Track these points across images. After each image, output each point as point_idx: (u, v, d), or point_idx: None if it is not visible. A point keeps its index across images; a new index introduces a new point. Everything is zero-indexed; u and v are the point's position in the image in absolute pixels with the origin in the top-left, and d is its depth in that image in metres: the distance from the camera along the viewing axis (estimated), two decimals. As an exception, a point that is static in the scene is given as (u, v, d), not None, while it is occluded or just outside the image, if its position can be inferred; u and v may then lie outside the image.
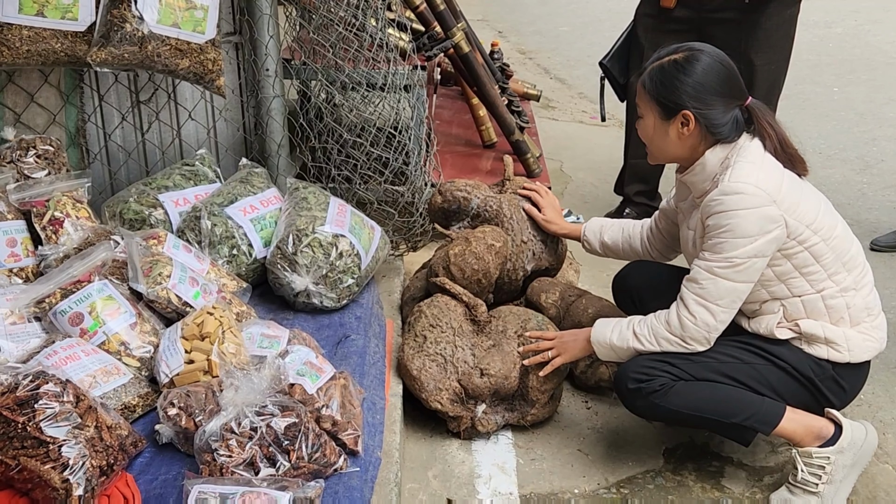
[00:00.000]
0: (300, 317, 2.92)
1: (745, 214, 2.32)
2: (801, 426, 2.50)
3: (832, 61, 7.97)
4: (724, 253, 2.36)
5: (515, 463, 2.71)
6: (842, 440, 2.47)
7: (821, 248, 2.40)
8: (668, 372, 2.47)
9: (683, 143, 2.48)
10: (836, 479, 2.47)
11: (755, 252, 2.34)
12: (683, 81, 2.40)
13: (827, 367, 2.48)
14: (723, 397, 2.47)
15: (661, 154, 2.58)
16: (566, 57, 8.39)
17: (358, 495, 2.11)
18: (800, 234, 2.37)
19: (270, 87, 3.30)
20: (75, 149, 3.23)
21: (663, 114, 2.47)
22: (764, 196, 2.32)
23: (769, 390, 2.50)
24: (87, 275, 2.48)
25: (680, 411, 2.48)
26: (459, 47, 4.03)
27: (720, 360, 2.49)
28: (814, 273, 2.43)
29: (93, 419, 2.00)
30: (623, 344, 2.53)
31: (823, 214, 2.43)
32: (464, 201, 3.14)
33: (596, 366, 2.99)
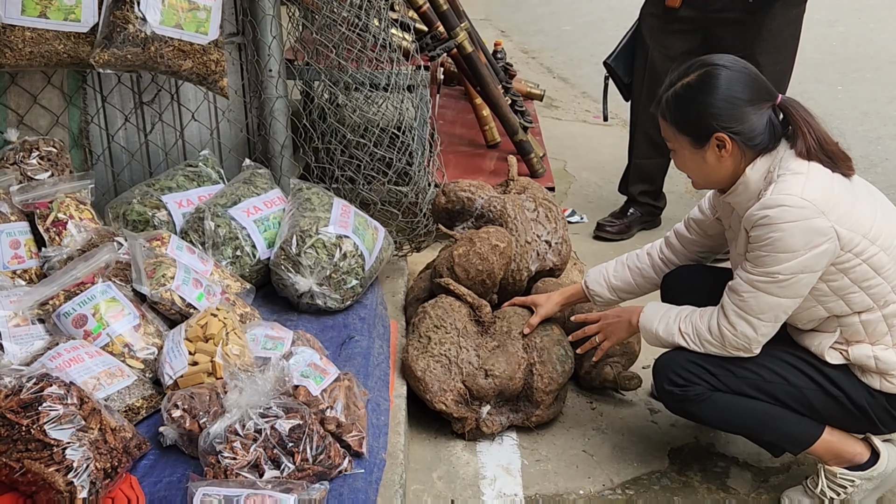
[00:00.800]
0: (304, 318, 2.91)
1: (789, 228, 2.15)
2: (833, 450, 2.41)
3: (836, 60, 7.95)
4: (767, 267, 2.21)
5: (520, 464, 2.70)
6: (874, 469, 2.39)
7: (880, 258, 2.21)
8: (706, 381, 2.38)
9: (724, 165, 2.30)
10: (855, 500, 2.41)
11: (801, 268, 2.18)
12: (706, 103, 2.25)
13: (881, 399, 2.33)
14: (758, 416, 2.38)
15: (707, 181, 2.41)
16: (569, 56, 8.37)
17: (363, 497, 2.11)
18: (855, 246, 2.18)
19: (273, 87, 3.29)
20: (78, 150, 3.23)
21: (695, 142, 2.31)
22: (811, 208, 2.14)
23: (811, 412, 2.38)
24: (91, 276, 2.47)
25: (711, 421, 2.45)
26: (463, 47, 4.02)
27: (766, 378, 2.37)
28: (875, 287, 2.23)
29: (97, 421, 2.00)
30: (668, 337, 2.45)
31: (881, 220, 2.24)
32: (468, 202, 3.13)
33: (601, 367, 2.98)
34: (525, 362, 2.77)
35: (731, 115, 2.23)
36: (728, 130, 2.24)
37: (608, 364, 2.97)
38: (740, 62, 2.30)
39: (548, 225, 3.20)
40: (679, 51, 3.90)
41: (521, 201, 3.21)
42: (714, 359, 2.39)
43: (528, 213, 3.18)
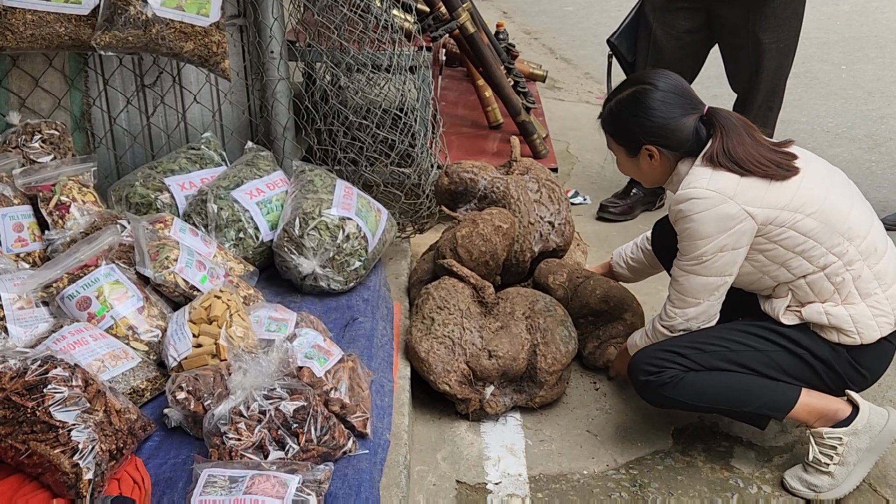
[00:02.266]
0: (308, 300, 2.92)
1: (699, 217, 2.33)
2: (814, 410, 2.49)
3: (840, 39, 7.91)
4: (690, 254, 2.40)
5: (524, 444, 2.70)
6: (856, 422, 2.45)
7: (807, 223, 2.34)
8: (677, 363, 2.49)
9: (656, 170, 2.51)
10: (850, 462, 2.45)
11: (718, 248, 2.35)
12: (634, 122, 2.45)
13: (842, 352, 2.44)
14: (734, 387, 2.48)
15: (647, 182, 2.62)
16: (572, 37, 8.34)
17: (367, 477, 2.11)
18: (775, 219, 2.33)
19: (275, 69, 3.28)
20: (81, 133, 3.23)
21: (629, 152, 2.53)
22: (716, 196, 2.32)
23: (784, 376, 2.49)
24: (94, 259, 2.48)
25: (691, 402, 2.52)
26: (465, 28, 4.00)
27: (732, 349, 2.48)
28: (809, 250, 2.36)
29: (101, 403, 2.00)
30: (644, 343, 2.63)
31: (804, 191, 2.35)
32: (470, 183, 3.12)
33: (604, 347, 2.99)
34: (528, 343, 2.77)
35: (656, 131, 2.43)
36: (655, 143, 2.45)
37: (612, 344, 2.99)
38: (672, 78, 2.47)
39: (551, 206, 3.19)
40: (683, 29, 3.88)
41: (524, 182, 3.20)
42: (682, 341, 2.53)
43: (531, 194, 3.18)
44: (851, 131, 5.61)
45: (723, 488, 2.55)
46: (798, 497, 2.50)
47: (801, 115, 5.89)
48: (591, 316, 3.03)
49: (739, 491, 2.54)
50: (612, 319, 3.02)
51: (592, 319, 3.04)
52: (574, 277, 3.08)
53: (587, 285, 3.02)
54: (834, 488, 2.46)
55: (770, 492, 2.53)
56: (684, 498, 2.50)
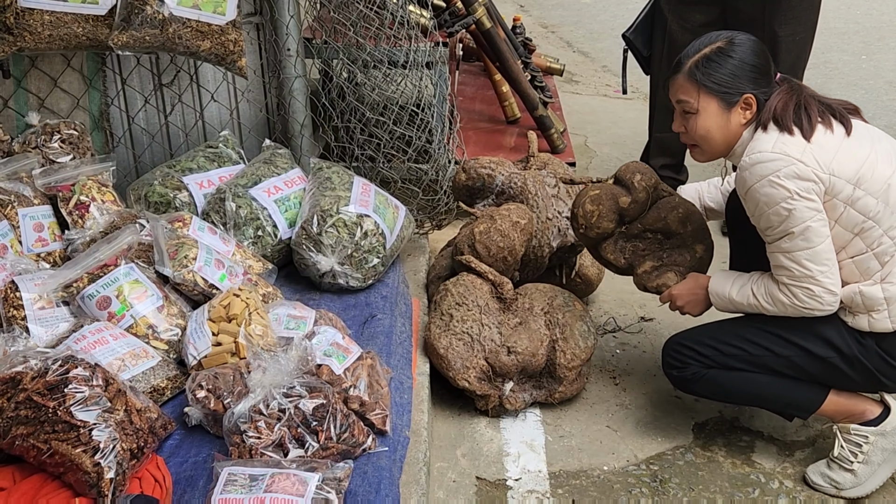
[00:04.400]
0: (326, 297, 2.92)
1: (768, 182, 2.24)
2: (841, 409, 2.47)
3: (860, 29, 7.84)
4: (775, 227, 2.28)
5: (544, 440, 2.70)
6: (886, 423, 2.43)
7: (868, 202, 2.25)
8: (698, 361, 2.49)
9: (741, 129, 2.38)
10: (875, 461, 2.44)
11: (805, 214, 2.23)
12: (739, 66, 2.34)
13: (870, 344, 2.37)
14: (755, 386, 2.48)
15: (719, 147, 2.45)
16: (589, 30, 8.30)
17: (387, 475, 2.11)
18: (840, 192, 2.24)
19: (292, 67, 3.28)
20: (99, 133, 3.24)
21: (724, 103, 2.37)
22: (783, 158, 2.23)
23: (810, 378, 2.46)
24: (114, 259, 2.49)
25: (716, 397, 2.56)
26: (481, 23, 3.99)
27: (752, 352, 2.45)
28: (868, 230, 2.28)
29: (122, 402, 2.01)
30: (744, 300, 2.46)
31: (869, 166, 2.25)
32: (488, 178, 3.12)
33: (663, 270, 2.73)
34: (548, 339, 2.76)
35: (758, 80, 2.35)
36: (755, 92, 2.34)
37: (673, 270, 2.73)
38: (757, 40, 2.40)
39: (569, 201, 3.18)
40: (698, 23, 3.85)
41: (542, 177, 3.19)
42: (702, 338, 2.51)
43: (548, 189, 3.17)
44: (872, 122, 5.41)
45: (744, 483, 2.53)
46: (820, 493, 2.48)
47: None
48: (660, 234, 2.74)
49: (761, 486, 2.52)
50: (681, 246, 2.73)
51: (660, 238, 2.75)
52: (660, 187, 2.79)
53: (671, 200, 2.76)
54: (856, 486, 2.44)
55: (792, 487, 2.52)
56: (705, 493, 2.49)
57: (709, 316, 2.62)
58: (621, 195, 2.71)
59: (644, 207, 2.73)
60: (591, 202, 2.71)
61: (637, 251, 2.76)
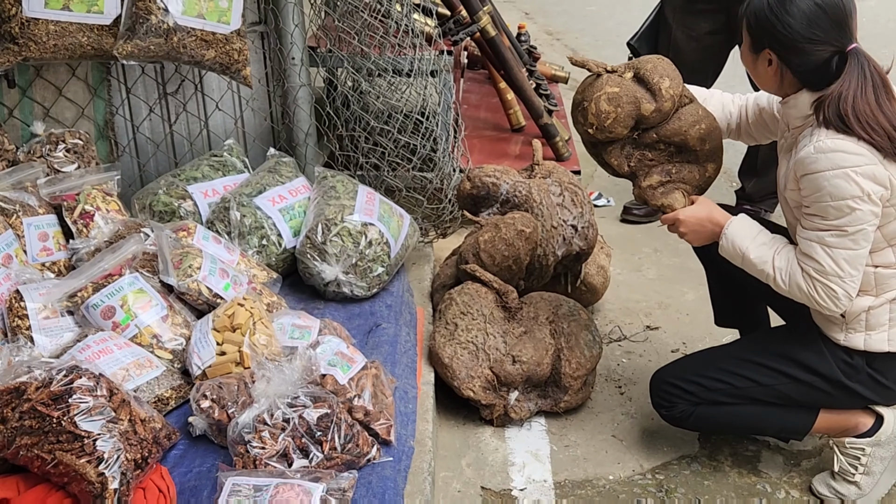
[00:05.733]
0: (331, 306, 2.92)
1: (845, 175, 2.11)
2: (834, 426, 2.47)
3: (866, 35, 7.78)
4: (831, 219, 2.17)
5: (549, 450, 2.69)
6: (880, 433, 2.42)
7: None
8: (685, 399, 2.48)
9: (770, 80, 2.29)
10: (875, 471, 2.43)
11: (866, 217, 2.14)
12: (771, 21, 2.19)
13: (860, 364, 2.33)
14: (746, 419, 2.49)
15: (761, 83, 2.36)
16: (594, 37, 8.31)
17: (391, 485, 2.11)
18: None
19: (297, 75, 3.29)
20: (104, 142, 3.25)
21: (753, 47, 2.29)
22: (868, 156, 2.11)
23: (796, 404, 2.45)
24: (119, 268, 2.49)
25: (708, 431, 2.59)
26: (486, 31, 3.99)
27: (737, 385, 2.43)
28: None
29: (126, 413, 2.01)
30: (758, 263, 2.32)
31: None
32: (493, 187, 3.11)
33: (670, 188, 2.58)
34: (553, 348, 2.76)
35: (787, 43, 2.19)
36: (779, 54, 2.22)
37: (680, 189, 2.58)
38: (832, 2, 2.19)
39: (574, 209, 3.17)
40: (703, 31, 3.86)
41: (547, 186, 3.18)
42: (685, 374, 2.49)
43: (553, 197, 3.16)
44: None
45: (750, 493, 2.52)
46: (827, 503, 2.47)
47: None
48: (672, 146, 2.57)
49: (767, 496, 2.51)
50: (692, 162, 2.58)
51: (671, 151, 2.58)
52: (684, 94, 2.59)
53: (694, 111, 2.55)
54: (862, 496, 2.43)
55: (798, 497, 2.51)
56: (711, 503, 2.48)
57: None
58: (644, 100, 2.50)
59: (666, 118, 2.53)
60: (608, 101, 2.48)
61: (644, 160, 2.59)
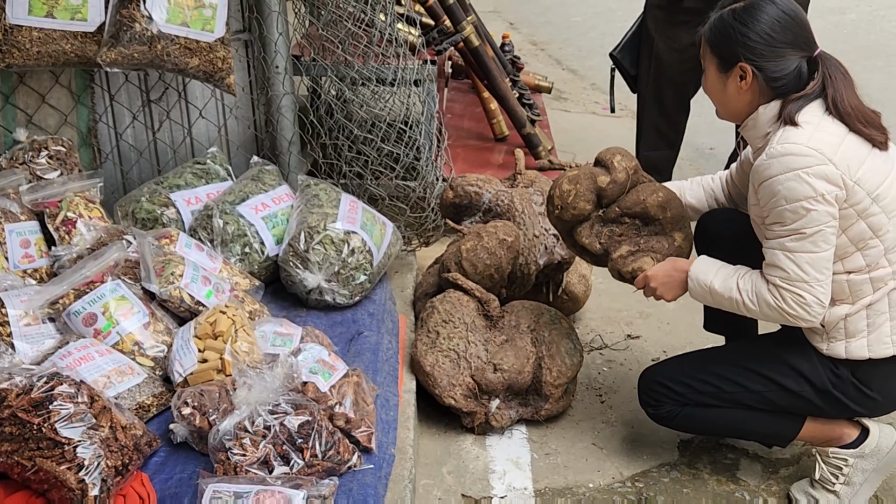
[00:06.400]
0: (313, 314, 2.92)
1: (796, 176, 2.13)
2: (819, 435, 2.48)
3: (847, 48, 7.88)
4: (788, 223, 2.18)
5: (530, 458, 2.70)
6: (864, 446, 2.43)
7: (879, 220, 2.20)
8: (673, 399, 2.50)
9: (742, 97, 2.31)
10: (856, 482, 2.44)
11: (823, 218, 2.15)
12: (741, 32, 2.24)
13: (845, 374, 2.34)
14: (732, 423, 2.50)
15: (723, 109, 2.41)
16: (578, 48, 8.36)
17: (372, 492, 2.11)
18: (859, 202, 2.17)
19: (280, 84, 3.30)
20: (87, 149, 3.25)
21: (721, 66, 2.32)
22: (818, 156, 2.13)
23: (783, 410, 2.45)
24: (100, 275, 2.49)
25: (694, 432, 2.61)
26: (469, 41, 4.02)
27: (725, 389, 2.44)
28: (870, 248, 2.22)
29: (107, 419, 2.01)
30: (725, 293, 2.35)
31: (887, 184, 2.20)
32: (475, 196, 3.13)
33: (640, 256, 2.61)
34: (534, 356, 2.77)
35: (760, 51, 2.23)
36: (752, 63, 2.24)
37: (650, 255, 2.63)
38: (793, 7, 2.26)
39: (556, 218, 3.19)
40: (685, 42, 3.88)
41: (529, 195, 3.21)
42: (675, 375, 2.51)
43: (535, 206, 3.18)
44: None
45: (729, 501, 2.54)
46: (804, 510, 2.50)
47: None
48: (638, 219, 2.65)
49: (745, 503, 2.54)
50: (659, 233, 2.64)
51: (638, 224, 2.65)
52: (640, 172, 2.73)
53: (651, 184, 2.69)
54: None
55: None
56: (690, 511, 2.51)
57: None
58: (600, 174, 2.65)
59: (623, 189, 2.65)
60: (568, 182, 2.65)
61: (613, 236, 2.67)
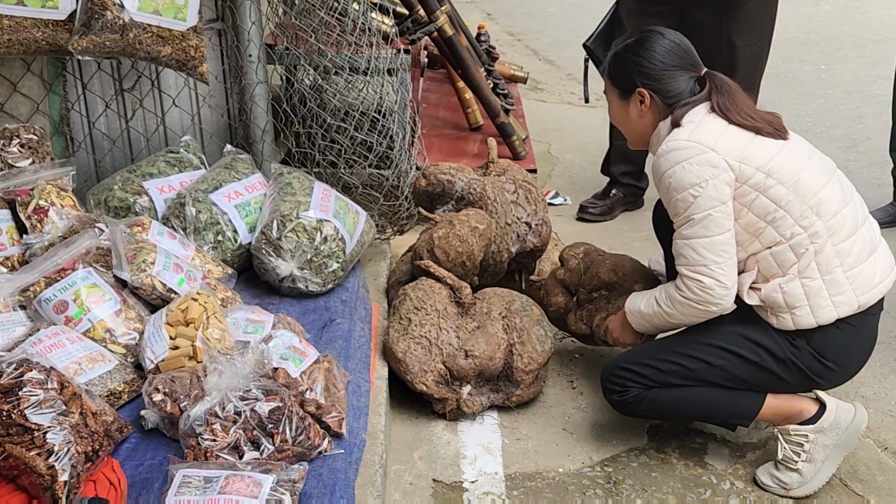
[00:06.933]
0: (286, 302, 2.94)
1: (680, 168, 2.36)
2: (780, 412, 2.54)
3: (820, 39, 7.97)
4: (681, 213, 2.40)
5: (501, 443, 2.73)
6: (822, 420, 2.49)
7: (778, 191, 2.35)
8: (638, 382, 2.54)
9: (644, 120, 2.55)
10: (818, 459, 2.49)
11: (709, 203, 2.34)
12: (635, 60, 2.51)
13: (802, 345, 2.43)
14: (696, 401, 2.55)
15: (632, 135, 2.65)
16: (555, 38, 8.38)
17: (342, 476, 2.13)
18: (750, 178, 2.35)
19: (254, 73, 3.30)
20: (59, 137, 3.24)
21: (622, 94, 2.58)
22: (697, 146, 2.36)
23: (746, 385, 2.51)
24: (72, 263, 2.49)
25: (659, 417, 2.65)
26: (443, 30, 4.03)
27: (689, 366, 2.50)
28: (779, 219, 2.36)
29: (77, 406, 2.02)
30: (650, 309, 2.58)
31: (781, 158, 2.38)
32: (448, 184, 3.15)
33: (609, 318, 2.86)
34: (505, 343, 2.79)
35: (653, 75, 2.49)
36: (649, 87, 2.50)
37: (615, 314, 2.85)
38: (679, 36, 2.55)
39: (528, 207, 3.22)
40: (658, 32, 3.91)
41: (501, 184, 3.23)
42: (639, 358, 2.57)
43: (507, 195, 3.20)
44: (830, 131, 5.66)
45: (696, 484, 2.58)
46: (769, 493, 2.53)
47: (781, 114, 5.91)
48: (603, 290, 2.94)
49: (713, 487, 2.57)
50: (624, 292, 2.85)
51: (605, 294, 2.94)
52: (591, 253, 3.06)
53: (600, 258, 3.00)
54: (803, 485, 2.49)
55: (743, 487, 2.56)
56: (658, 494, 2.53)
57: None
58: (558, 269, 3.09)
59: (579, 273, 3.01)
60: (538, 287, 3.15)
61: (591, 313, 2.96)
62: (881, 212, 4.24)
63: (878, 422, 2.84)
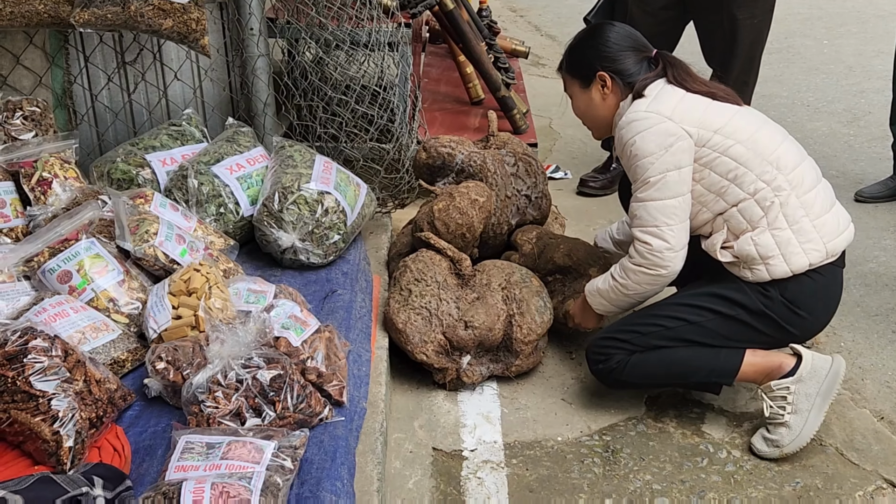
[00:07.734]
0: (287, 273, 2.96)
1: (640, 136, 2.49)
2: (760, 368, 2.60)
3: (823, 14, 7.95)
4: (638, 178, 2.53)
5: (500, 412, 2.76)
6: (800, 370, 2.56)
7: (737, 149, 2.49)
8: (620, 348, 2.63)
9: (608, 102, 2.68)
10: (803, 409, 2.54)
11: (664, 167, 2.48)
12: (591, 45, 2.68)
13: (775, 296, 2.53)
14: (677, 362, 2.61)
15: (596, 122, 2.79)
16: (557, 14, 8.36)
17: (343, 444, 2.16)
18: (709, 140, 2.49)
19: (255, 46, 3.31)
20: (62, 110, 3.26)
21: (583, 83, 2.72)
22: (655, 116, 2.50)
23: (725, 341, 2.60)
24: (75, 233, 2.51)
25: (643, 382, 2.69)
26: (444, 4, 4.03)
27: (668, 326, 2.60)
28: (741, 176, 2.49)
29: (81, 373, 2.04)
30: (606, 285, 2.71)
31: (738, 119, 2.52)
32: (448, 157, 3.16)
33: (566, 301, 3.00)
34: (504, 313, 2.82)
35: (610, 57, 2.65)
36: (608, 69, 2.64)
37: (573, 297, 2.99)
38: (625, 25, 2.75)
39: (527, 179, 3.24)
40: (658, 6, 3.91)
41: (501, 156, 3.24)
42: (620, 326, 2.68)
43: (507, 167, 3.22)
44: (831, 105, 5.66)
45: (693, 453, 2.61)
46: (765, 459, 2.56)
47: (782, 89, 5.93)
48: (558, 274, 3.08)
49: (709, 456, 2.60)
50: (578, 277, 3.02)
51: (560, 278, 3.08)
52: (545, 237, 3.17)
53: (554, 242, 3.11)
54: (794, 438, 2.52)
55: (739, 456, 2.59)
56: (655, 463, 2.56)
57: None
58: (512, 255, 3.19)
59: (534, 258, 3.11)
60: None
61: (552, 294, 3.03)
62: (881, 185, 4.25)
63: (874, 392, 2.87)
